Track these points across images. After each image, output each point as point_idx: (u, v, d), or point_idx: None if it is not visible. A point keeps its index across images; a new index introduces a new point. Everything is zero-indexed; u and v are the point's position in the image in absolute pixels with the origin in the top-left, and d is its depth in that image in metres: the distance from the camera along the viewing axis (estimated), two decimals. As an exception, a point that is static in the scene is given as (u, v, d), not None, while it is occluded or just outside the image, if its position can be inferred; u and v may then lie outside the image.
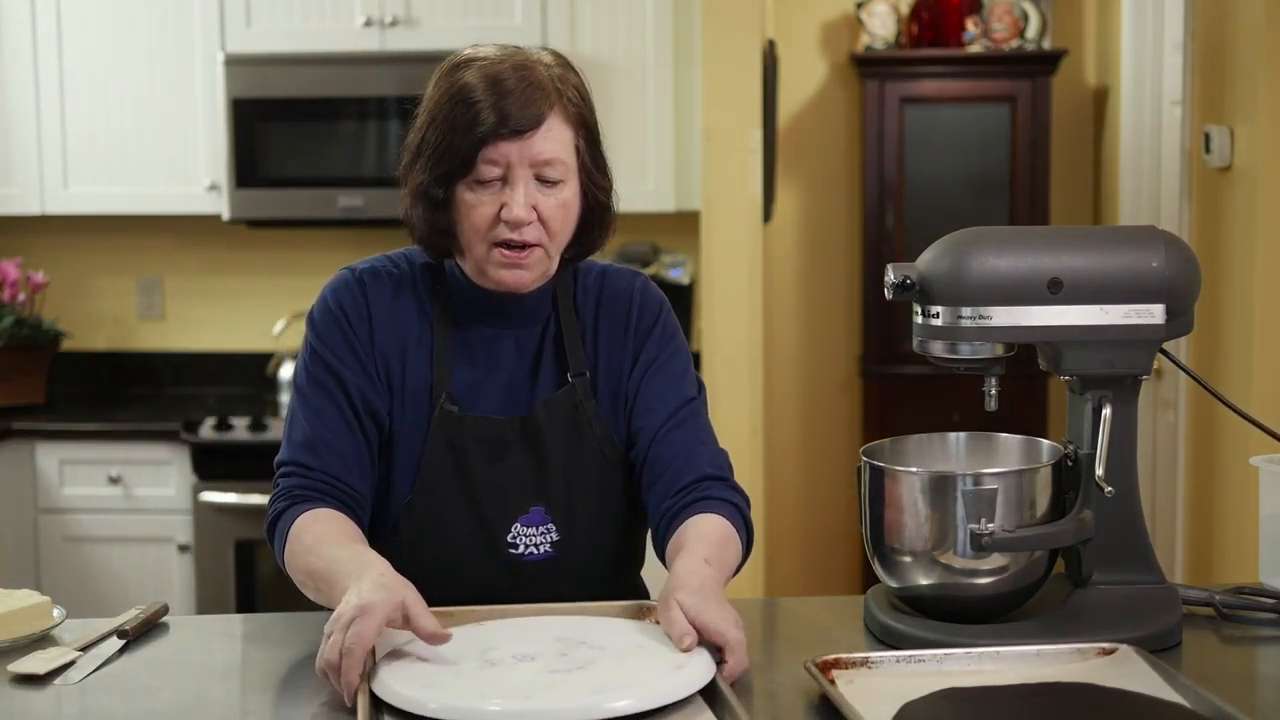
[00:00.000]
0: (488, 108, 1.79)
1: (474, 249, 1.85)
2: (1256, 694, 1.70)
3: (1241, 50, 3.41)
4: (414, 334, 1.91)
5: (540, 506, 1.90)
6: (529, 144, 1.80)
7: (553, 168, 1.83)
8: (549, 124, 1.81)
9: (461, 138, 1.80)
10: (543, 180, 1.83)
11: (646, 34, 4.22)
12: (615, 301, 1.98)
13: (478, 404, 1.91)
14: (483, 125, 1.79)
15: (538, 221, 1.83)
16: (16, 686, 1.67)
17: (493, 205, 1.82)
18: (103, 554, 4.18)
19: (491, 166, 1.81)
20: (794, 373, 5.16)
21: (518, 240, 1.83)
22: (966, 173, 4.89)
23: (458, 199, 1.83)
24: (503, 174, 1.82)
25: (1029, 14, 4.87)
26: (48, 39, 4.34)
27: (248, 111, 4.21)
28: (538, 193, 1.83)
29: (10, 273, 4.38)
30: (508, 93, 1.79)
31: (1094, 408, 1.80)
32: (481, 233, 1.83)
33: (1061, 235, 1.81)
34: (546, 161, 1.82)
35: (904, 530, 1.78)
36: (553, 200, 1.84)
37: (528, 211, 1.82)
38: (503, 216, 1.82)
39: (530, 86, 1.80)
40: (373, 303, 1.91)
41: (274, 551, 1.87)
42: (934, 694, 1.55)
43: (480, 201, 1.82)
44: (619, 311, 1.98)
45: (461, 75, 1.83)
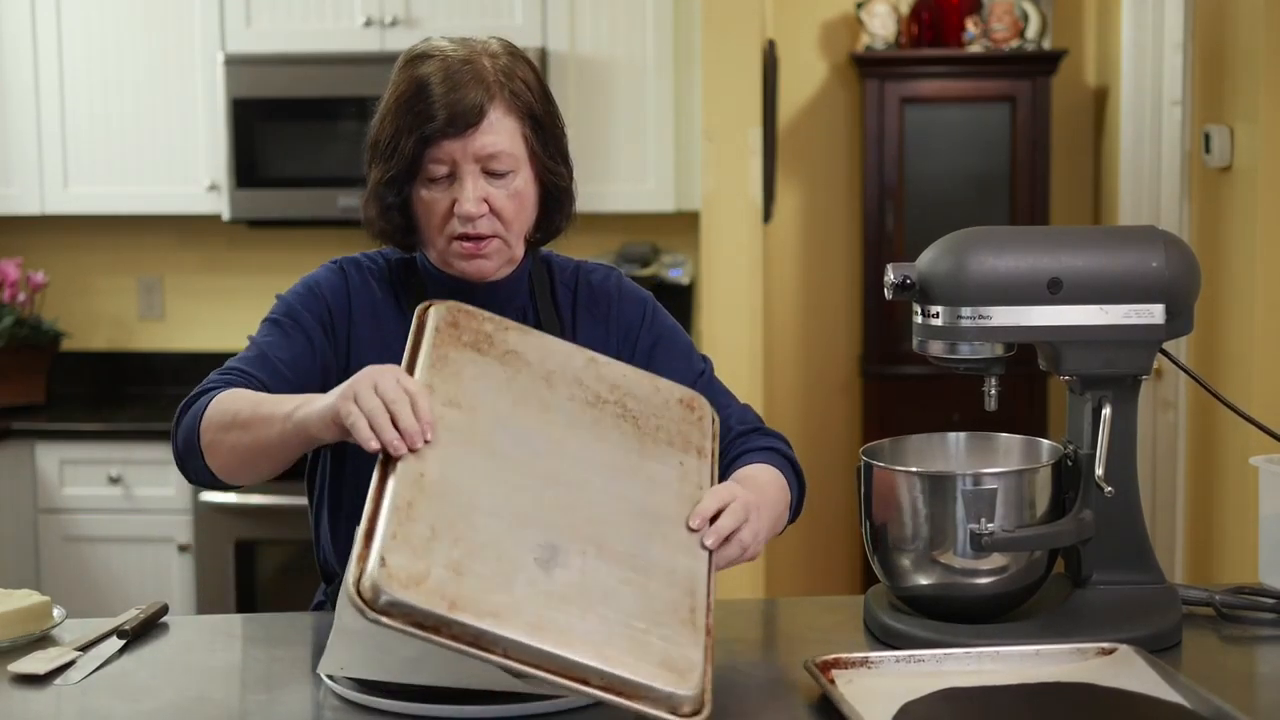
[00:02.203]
0: (429, 108, 1.84)
1: (434, 243, 1.91)
2: (1256, 694, 1.70)
3: (1241, 50, 3.42)
4: (391, 327, 1.95)
5: None
6: (471, 140, 1.85)
7: (499, 160, 1.87)
8: (490, 118, 1.86)
9: (406, 140, 1.85)
10: (491, 173, 1.88)
11: (646, 34, 4.22)
12: (594, 298, 2.03)
13: None
14: (425, 127, 1.84)
15: (491, 214, 1.88)
16: (16, 686, 1.67)
17: (446, 201, 1.87)
18: (103, 554, 4.18)
19: (438, 165, 1.86)
20: (794, 373, 5.16)
21: (473, 233, 1.88)
22: (966, 173, 4.89)
23: (414, 197, 1.89)
24: (450, 170, 1.86)
25: (1029, 14, 4.87)
26: (48, 39, 4.34)
27: (248, 111, 4.21)
28: (488, 185, 1.87)
29: (10, 273, 4.38)
30: (448, 91, 1.84)
31: (1094, 408, 1.80)
32: (438, 228, 1.89)
33: (1061, 235, 1.81)
34: (491, 155, 1.86)
35: (904, 530, 1.78)
36: (503, 191, 1.88)
37: (478, 205, 1.86)
38: (455, 211, 1.87)
39: (471, 83, 1.85)
40: (354, 293, 1.96)
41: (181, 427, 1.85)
42: (934, 694, 1.55)
43: (434, 198, 1.88)
44: (600, 308, 2.02)
45: (409, 72, 1.88)
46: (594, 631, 1.46)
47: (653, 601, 1.51)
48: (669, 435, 1.73)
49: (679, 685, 1.44)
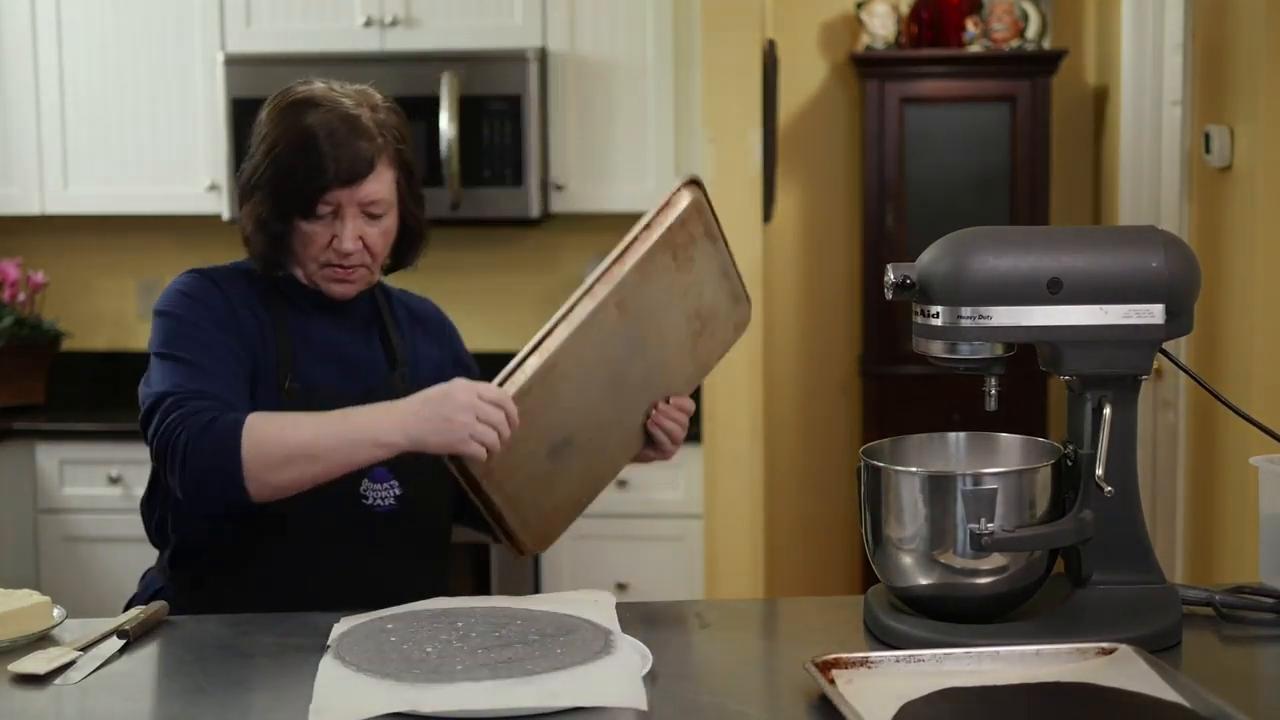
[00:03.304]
0: (326, 158, 2.04)
1: (306, 267, 2.12)
2: (1256, 694, 1.70)
3: (1241, 50, 3.42)
4: (259, 326, 2.12)
5: (383, 466, 2.08)
6: (358, 189, 2.06)
7: (378, 205, 2.09)
8: (376, 171, 2.08)
9: (301, 184, 2.05)
10: (369, 215, 2.09)
11: (646, 34, 4.22)
12: (428, 318, 2.31)
13: (320, 379, 2.13)
14: (321, 175, 2.04)
15: (364, 249, 2.10)
16: (16, 686, 1.67)
17: (326, 235, 2.08)
18: (103, 554, 4.18)
19: (325, 206, 2.07)
20: (794, 373, 5.16)
21: (347, 264, 2.10)
22: (966, 173, 4.89)
23: (294, 227, 2.08)
24: (334, 210, 2.07)
25: (1029, 14, 4.87)
26: (48, 39, 4.34)
27: (248, 111, 4.19)
28: (364, 225, 2.09)
29: (10, 273, 4.38)
30: (342, 144, 2.05)
31: (1094, 408, 1.80)
32: (315, 255, 2.10)
33: (1061, 235, 1.81)
34: (373, 201, 2.08)
35: (904, 530, 1.78)
36: (376, 230, 2.11)
37: (354, 243, 2.08)
38: (334, 247, 2.08)
39: (362, 136, 2.07)
40: (229, 295, 2.12)
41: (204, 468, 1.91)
42: (934, 694, 1.55)
43: (314, 232, 2.08)
44: (433, 326, 2.30)
45: (303, 120, 2.08)
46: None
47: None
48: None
49: None
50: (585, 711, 1.53)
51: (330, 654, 1.68)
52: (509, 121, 4.14)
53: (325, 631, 1.79)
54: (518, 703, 1.53)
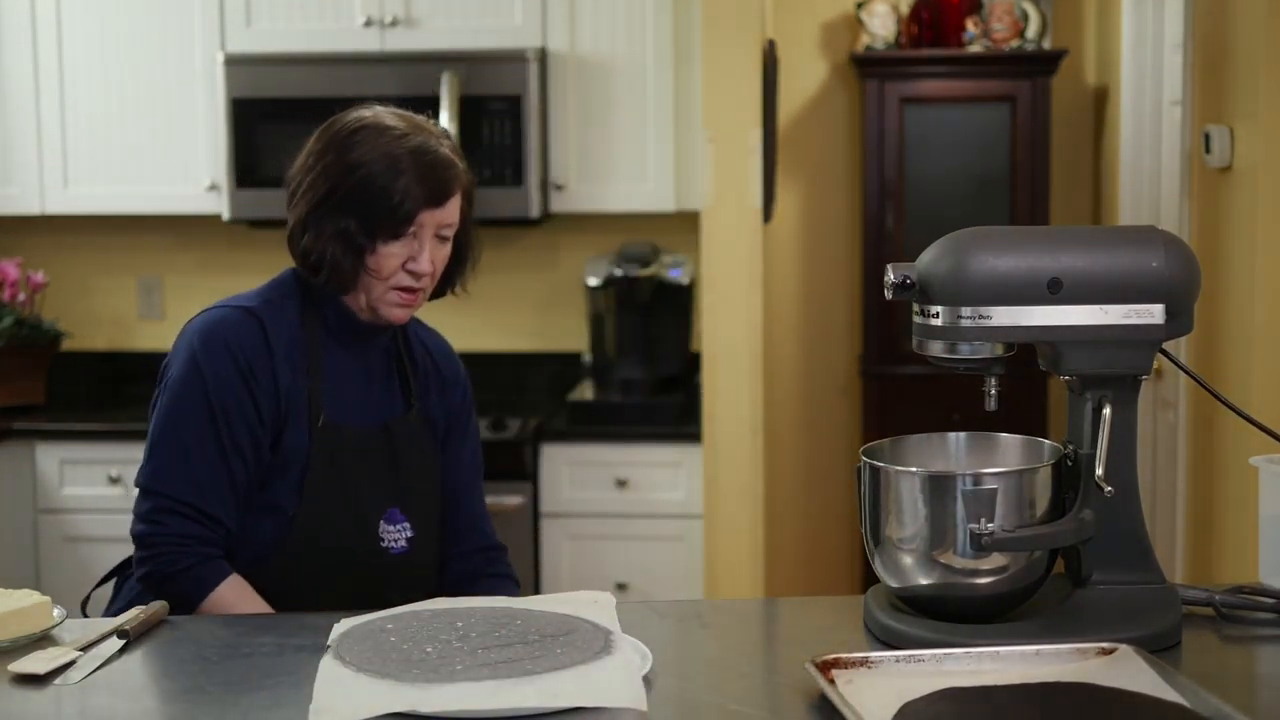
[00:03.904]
0: (421, 181, 2.10)
1: (374, 290, 2.15)
2: (1256, 694, 1.70)
3: (1241, 50, 3.41)
4: (298, 357, 2.16)
5: (396, 507, 2.19)
6: (440, 212, 2.14)
7: (451, 228, 2.18)
8: (454, 195, 2.16)
9: (399, 202, 2.10)
10: (441, 238, 2.17)
11: (646, 34, 4.22)
12: (441, 357, 2.33)
13: (347, 416, 2.18)
14: (417, 197, 2.10)
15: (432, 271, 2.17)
16: (16, 686, 1.67)
17: (401, 256, 2.13)
18: (103, 554, 4.17)
19: (410, 225, 2.12)
20: (794, 373, 5.16)
21: (415, 287, 2.15)
22: (966, 173, 4.89)
23: (376, 248, 2.12)
24: (415, 231, 2.13)
25: (1029, 14, 4.87)
26: (48, 39, 4.34)
27: (248, 111, 4.21)
28: (436, 248, 2.16)
29: (10, 273, 4.38)
30: (430, 168, 2.12)
31: (1094, 408, 1.80)
32: (387, 278, 2.13)
33: (1061, 235, 1.81)
34: (449, 224, 2.16)
35: (904, 530, 1.78)
36: (443, 253, 2.18)
37: (429, 265, 2.15)
38: (409, 268, 2.13)
39: (448, 164, 2.14)
40: (273, 337, 2.14)
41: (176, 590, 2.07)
42: (934, 694, 1.55)
43: (392, 254, 2.12)
44: (444, 366, 2.32)
45: (400, 144, 2.12)
46: None
47: None
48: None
49: None
50: (585, 711, 1.53)
51: (330, 654, 1.68)
52: (509, 121, 4.14)
53: (325, 631, 1.79)
54: (518, 703, 1.53)
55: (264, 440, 2.13)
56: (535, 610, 1.83)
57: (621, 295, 4.32)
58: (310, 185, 2.15)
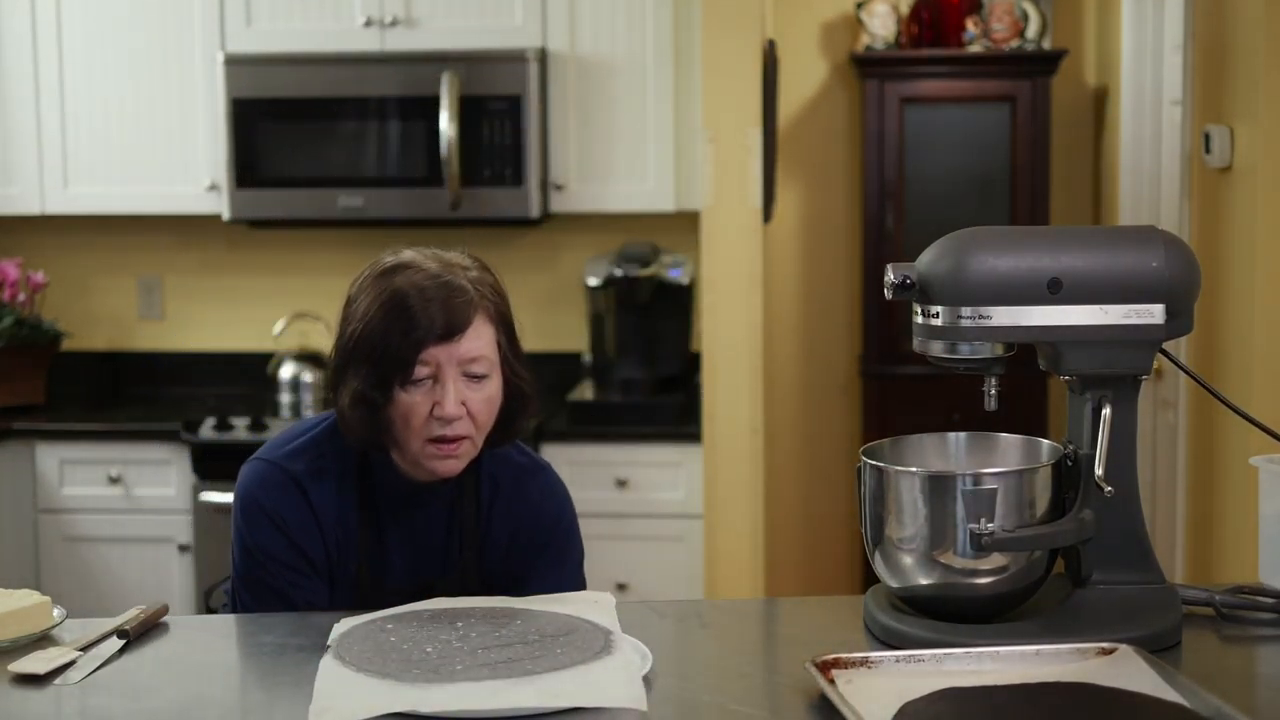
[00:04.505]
0: (420, 314, 1.97)
1: (410, 445, 2.02)
2: (1256, 694, 1.70)
3: (1241, 50, 3.41)
4: (346, 517, 2.08)
5: None
6: (456, 346, 1.99)
7: (478, 364, 2.01)
8: (474, 326, 2.00)
9: (398, 342, 1.97)
10: (470, 376, 2.01)
11: (646, 34, 4.22)
12: (512, 493, 2.15)
13: (390, 577, 2.09)
14: (416, 330, 1.97)
15: (467, 416, 2.01)
16: (16, 686, 1.67)
17: (426, 404, 1.99)
18: (103, 554, 4.18)
19: (423, 367, 1.99)
20: (794, 373, 5.16)
21: (450, 435, 2.00)
22: (966, 173, 4.88)
23: (395, 400, 2.00)
24: (433, 373, 1.99)
25: (1029, 14, 4.87)
26: (48, 39, 4.34)
27: (248, 111, 4.21)
28: (466, 389, 2.01)
29: (10, 273, 4.38)
30: (434, 299, 1.98)
31: (1094, 408, 1.80)
32: (416, 429, 2.00)
33: (1061, 235, 1.81)
34: (473, 359, 2.00)
35: (904, 530, 1.78)
36: (480, 395, 2.02)
37: (457, 408, 1.99)
38: (435, 413, 1.99)
39: (456, 292, 1.99)
40: (317, 509, 2.06)
41: None
42: (934, 694, 1.55)
43: (414, 403, 1.99)
44: (514, 504, 2.15)
45: (391, 282, 2.00)
46: None
47: None
48: None
49: None
50: (585, 711, 1.53)
51: (330, 654, 1.68)
52: (509, 121, 4.14)
53: (325, 631, 1.79)
54: (518, 703, 1.53)
55: (322, 584, 2.07)
56: (535, 610, 1.83)
57: (621, 295, 4.32)
58: (336, 337, 2.06)
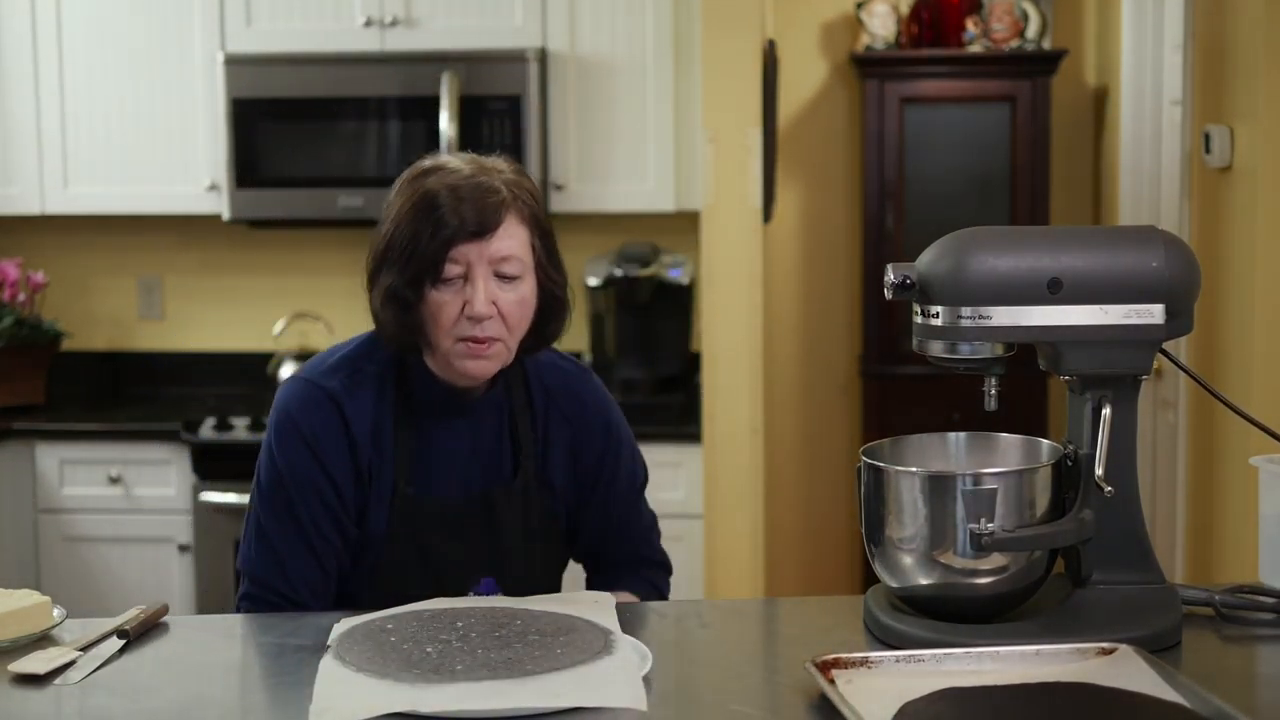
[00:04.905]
0: (450, 213, 1.96)
1: (441, 344, 2.02)
2: (1256, 694, 1.70)
3: (1241, 50, 3.41)
4: (383, 428, 2.08)
5: (491, 578, 2.10)
6: (488, 244, 1.98)
7: (510, 264, 2.00)
8: (506, 225, 1.99)
9: (427, 242, 1.97)
10: (501, 276, 2.00)
11: (646, 34, 4.22)
12: (565, 397, 2.17)
13: (435, 486, 2.09)
14: (446, 229, 1.96)
15: (498, 316, 2.00)
16: (16, 686, 1.67)
17: (457, 302, 1.99)
18: (103, 554, 4.18)
19: (454, 266, 1.98)
20: (794, 373, 5.16)
21: (481, 335, 2.00)
22: (966, 173, 4.89)
23: (426, 298, 2.00)
24: (464, 272, 1.99)
25: (1029, 14, 4.87)
26: (48, 39, 4.34)
27: (248, 111, 4.21)
28: (497, 289, 2.00)
29: (10, 273, 4.38)
30: (466, 198, 1.97)
31: (1094, 408, 1.80)
32: (447, 328, 2.00)
33: (1061, 235, 1.81)
34: (504, 259, 1.99)
35: (904, 530, 1.78)
36: (512, 295, 2.01)
37: (488, 306, 1.98)
38: (466, 312, 1.98)
39: (487, 191, 1.98)
40: (351, 419, 2.06)
41: None
42: (934, 694, 1.55)
43: (445, 300, 1.99)
44: (568, 407, 2.17)
45: (424, 183, 2.00)
46: None
47: None
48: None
49: None
50: (585, 711, 1.53)
51: (330, 654, 1.68)
52: (509, 121, 4.14)
53: (325, 631, 1.79)
54: (518, 703, 1.53)
55: (346, 519, 2.07)
56: (535, 610, 1.83)
57: (621, 295, 4.32)
58: (371, 242, 2.06)
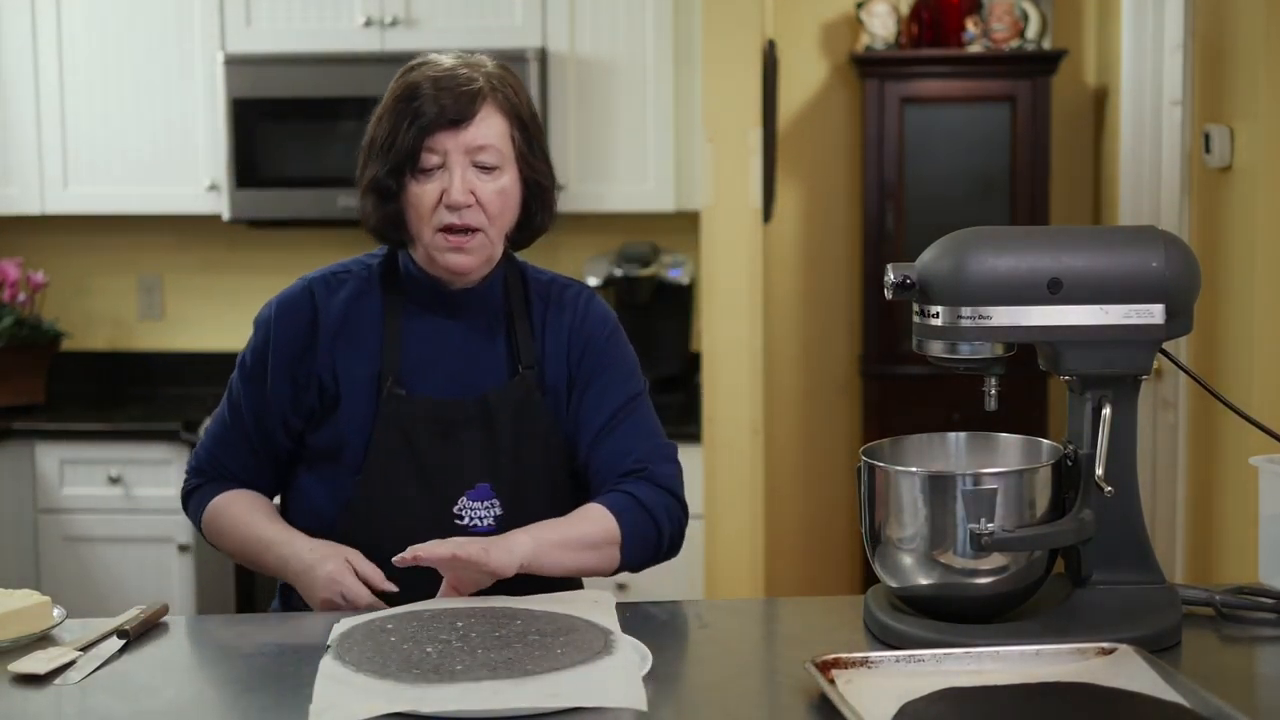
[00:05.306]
0: (425, 103, 2.00)
1: (422, 235, 2.04)
2: (1256, 694, 1.70)
3: (1241, 50, 3.41)
4: (366, 328, 2.09)
5: (487, 483, 2.05)
6: (463, 133, 2.00)
7: (487, 154, 2.02)
8: (482, 115, 2.01)
9: (405, 132, 2.00)
10: (480, 167, 2.02)
11: (646, 34, 4.22)
12: (564, 308, 2.15)
13: (427, 387, 2.07)
14: (422, 118, 1.99)
15: (477, 205, 2.02)
16: (16, 686, 1.67)
17: (435, 191, 2.01)
18: (103, 554, 4.18)
19: (431, 155, 2.01)
20: (794, 373, 5.16)
21: (460, 224, 2.01)
22: (966, 173, 4.89)
23: (406, 189, 2.02)
24: (442, 162, 2.01)
25: (1029, 14, 4.87)
26: (48, 39, 4.34)
27: (248, 111, 4.21)
28: (476, 179, 2.02)
29: (10, 273, 4.38)
30: (444, 89, 2.00)
31: (1094, 408, 1.80)
32: (426, 217, 2.02)
33: (1061, 235, 1.81)
34: (481, 148, 2.01)
35: (904, 530, 1.78)
36: (491, 186, 2.02)
37: (465, 194, 2.00)
38: (444, 200, 2.00)
39: (465, 83, 2.01)
40: (321, 310, 2.09)
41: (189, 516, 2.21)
42: (934, 694, 1.55)
43: (424, 189, 2.01)
44: (567, 318, 2.14)
45: (408, 77, 2.05)
46: None
47: None
48: None
49: None
50: (585, 711, 1.53)
51: (330, 654, 1.68)
52: (509, 121, 4.13)
53: (325, 631, 1.79)
54: (518, 703, 1.53)
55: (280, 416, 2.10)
56: (535, 610, 1.83)
57: (621, 295, 4.32)
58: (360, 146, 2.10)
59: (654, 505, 2.06)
